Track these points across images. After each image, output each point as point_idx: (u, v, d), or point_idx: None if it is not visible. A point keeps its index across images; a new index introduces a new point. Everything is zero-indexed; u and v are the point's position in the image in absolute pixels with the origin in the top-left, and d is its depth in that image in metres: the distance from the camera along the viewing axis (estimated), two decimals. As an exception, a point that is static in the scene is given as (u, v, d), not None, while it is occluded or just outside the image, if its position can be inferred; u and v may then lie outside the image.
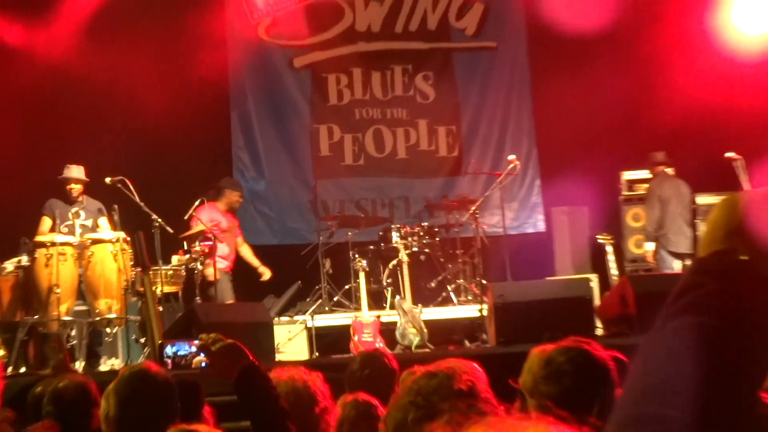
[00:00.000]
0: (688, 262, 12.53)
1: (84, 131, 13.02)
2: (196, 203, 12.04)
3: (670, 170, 13.18)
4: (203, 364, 4.37)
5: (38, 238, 11.00)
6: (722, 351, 1.35)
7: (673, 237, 12.89)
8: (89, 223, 11.32)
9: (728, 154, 12.61)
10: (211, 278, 11.72)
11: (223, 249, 12.32)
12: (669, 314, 1.41)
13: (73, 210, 11.26)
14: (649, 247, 12.87)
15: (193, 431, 3.59)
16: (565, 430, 1.01)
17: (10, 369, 10.24)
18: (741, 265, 1.42)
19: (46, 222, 11.32)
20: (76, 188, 11.42)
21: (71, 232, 11.00)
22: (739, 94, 14.53)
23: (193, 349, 4.59)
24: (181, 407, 4.31)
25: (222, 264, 12.30)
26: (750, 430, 1.36)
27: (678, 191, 13.07)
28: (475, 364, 3.55)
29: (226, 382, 4.25)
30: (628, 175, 13.76)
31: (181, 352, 4.67)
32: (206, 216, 12.17)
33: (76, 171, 11.46)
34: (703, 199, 13.28)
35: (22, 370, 10.35)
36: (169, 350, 4.72)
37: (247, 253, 12.88)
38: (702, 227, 13.06)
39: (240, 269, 12.85)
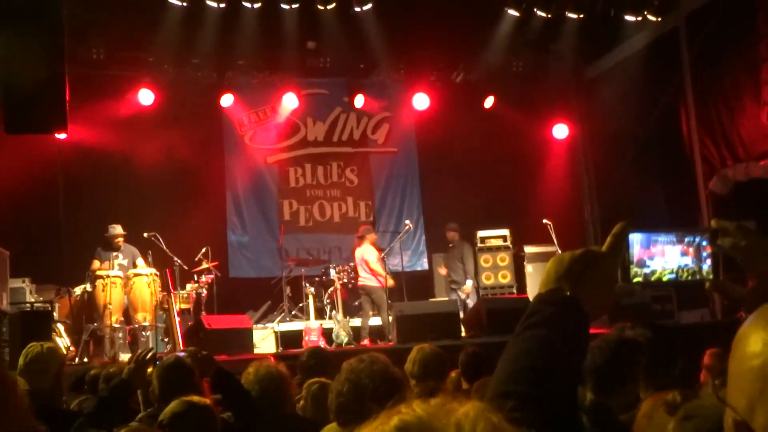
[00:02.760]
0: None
1: (125, 199, 12.76)
2: (203, 250, 11.85)
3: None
4: None
5: (97, 273, 10.75)
6: (553, 350, 1.40)
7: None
8: (125, 262, 11.09)
9: (544, 221, 12.72)
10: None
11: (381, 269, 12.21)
12: (522, 328, 1.46)
13: (114, 254, 11.07)
14: (469, 283, 12.91)
15: (189, 401, 3.45)
16: (489, 410, 0.93)
17: (76, 359, 9.95)
18: (566, 299, 1.48)
19: (95, 263, 11.12)
20: (118, 240, 11.22)
21: (111, 268, 10.80)
22: (551, 179, 14.82)
23: (182, 354, 4.52)
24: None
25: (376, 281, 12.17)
26: (572, 401, 1.42)
27: (469, 248, 13.17)
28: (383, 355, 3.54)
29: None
30: (481, 233, 13.72)
31: None
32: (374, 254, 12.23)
33: (118, 229, 11.25)
34: (528, 249, 13.35)
35: (85, 359, 10.03)
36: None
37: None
38: (530, 268, 13.16)
39: (230, 293, 12.63)
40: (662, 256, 1.77)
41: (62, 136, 10.79)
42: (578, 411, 1.40)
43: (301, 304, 12.59)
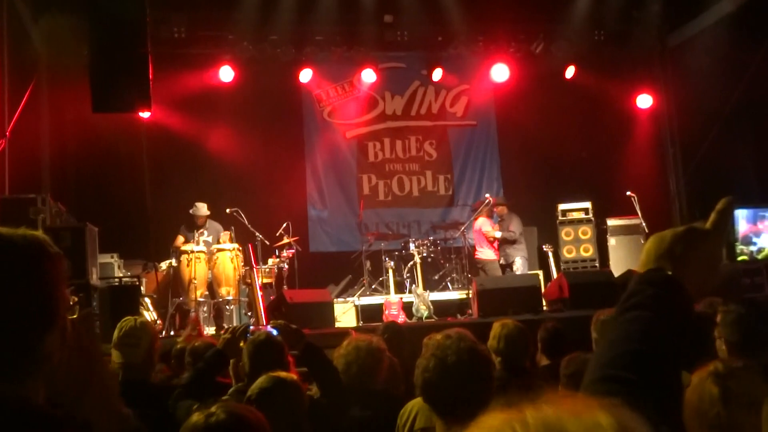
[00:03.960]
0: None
1: (208, 176, 13.02)
2: (284, 225, 11.96)
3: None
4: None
5: (182, 248, 10.98)
6: (657, 333, 1.34)
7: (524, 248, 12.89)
8: (210, 239, 11.28)
9: (628, 193, 12.47)
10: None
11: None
12: (622, 310, 1.40)
13: (198, 231, 11.31)
14: (518, 261, 12.76)
15: (277, 377, 3.47)
16: (629, 417, 0.87)
17: (163, 332, 10.19)
18: (668, 279, 1.42)
19: (179, 239, 11.38)
20: (202, 218, 11.43)
21: (197, 244, 11.10)
22: (635, 151, 14.53)
23: (269, 329, 4.49)
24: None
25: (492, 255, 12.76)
26: (676, 386, 1.36)
27: (517, 218, 12.97)
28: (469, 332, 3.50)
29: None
30: (562, 206, 13.53)
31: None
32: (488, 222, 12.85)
33: (203, 209, 11.44)
34: (611, 222, 13.11)
35: (171, 333, 10.27)
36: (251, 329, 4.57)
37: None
38: (612, 241, 12.93)
39: (311, 267, 12.74)
40: (771, 233, 1.66)
41: (146, 114, 11.01)
42: (682, 395, 1.33)
43: (381, 278, 12.63)
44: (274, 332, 4.32)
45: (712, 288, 1.49)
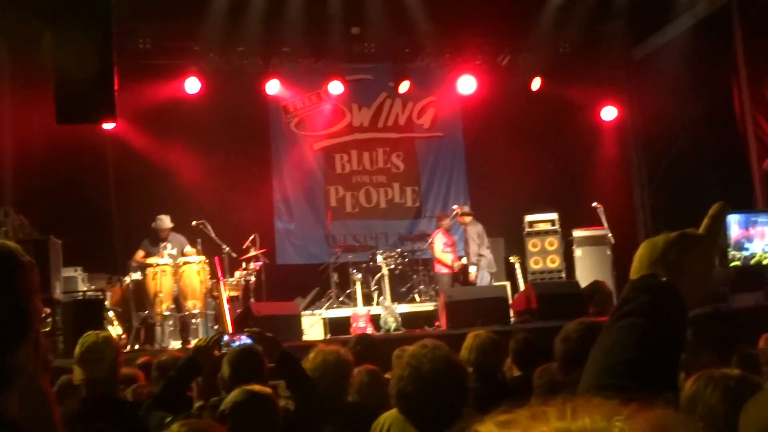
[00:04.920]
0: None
1: (174, 187, 12.95)
2: (251, 237, 11.88)
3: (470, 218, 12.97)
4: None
5: (147, 261, 10.84)
6: (652, 339, 1.33)
7: (489, 259, 12.78)
8: (174, 252, 11.14)
9: (594, 204, 12.58)
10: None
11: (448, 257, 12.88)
12: (616, 317, 1.38)
13: (162, 245, 11.15)
14: (472, 270, 12.58)
15: (251, 390, 3.42)
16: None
17: (128, 347, 10.07)
18: (662, 284, 1.39)
19: (139, 253, 11.19)
20: (165, 231, 11.27)
21: (161, 257, 10.91)
22: (600, 162, 14.68)
23: (243, 338, 4.39)
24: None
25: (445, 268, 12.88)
26: (671, 390, 1.34)
27: (482, 230, 12.90)
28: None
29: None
30: (529, 217, 13.60)
31: (233, 344, 4.42)
32: (440, 241, 12.86)
33: (165, 222, 11.27)
34: (577, 233, 13.20)
35: (136, 347, 10.16)
36: (225, 338, 4.46)
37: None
38: (578, 252, 13.02)
39: (278, 280, 12.66)
40: (762, 239, 1.65)
41: (111, 125, 10.90)
42: (678, 400, 1.33)
43: (348, 291, 12.59)
44: (249, 341, 4.25)
45: (706, 293, 1.47)
